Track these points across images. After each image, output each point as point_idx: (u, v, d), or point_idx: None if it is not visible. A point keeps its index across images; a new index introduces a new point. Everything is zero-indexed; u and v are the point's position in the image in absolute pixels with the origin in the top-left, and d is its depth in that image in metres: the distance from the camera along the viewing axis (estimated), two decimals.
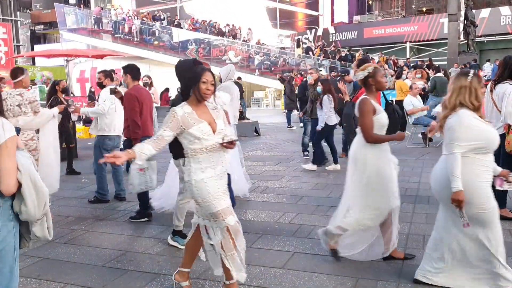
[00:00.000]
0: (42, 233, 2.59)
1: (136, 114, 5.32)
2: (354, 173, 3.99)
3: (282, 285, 3.67)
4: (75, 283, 3.82)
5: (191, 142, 3.25)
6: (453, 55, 22.68)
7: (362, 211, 3.90)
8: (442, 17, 29.12)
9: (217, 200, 3.24)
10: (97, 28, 29.65)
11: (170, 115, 3.27)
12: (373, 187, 3.88)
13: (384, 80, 4.10)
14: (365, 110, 3.91)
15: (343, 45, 31.77)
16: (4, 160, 2.35)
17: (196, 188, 3.25)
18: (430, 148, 10.14)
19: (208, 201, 3.23)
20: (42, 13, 40.84)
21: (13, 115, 5.28)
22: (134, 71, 5.55)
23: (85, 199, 6.50)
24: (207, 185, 3.25)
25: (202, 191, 3.24)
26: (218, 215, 3.24)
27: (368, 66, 4.02)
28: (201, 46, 27.52)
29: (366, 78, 4.00)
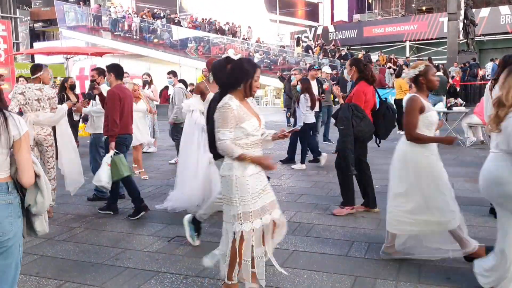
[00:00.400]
0: (42, 227, 2.67)
1: (116, 112, 5.51)
2: (406, 175, 3.91)
3: (281, 283, 3.67)
4: (74, 281, 3.82)
5: (239, 138, 3.16)
6: (452, 54, 22.69)
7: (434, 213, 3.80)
8: (441, 16, 29.13)
9: (252, 201, 3.14)
10: (96, 25, 29.61)
11: (225, 110, 3.12)
12: (430, 189, 3.81)
13: (436, 79, 4.00)
14: (412, 107, 3.83)
15: (343, 44, 31.75)
16: (24, 153, 2.47)
17: (237, 184, 3.14)
18: None
19: (244, 201, 3.13)
20: (41, 10, 40.78)
21: (31, 109, 5.35)
22: (118, 70, 5.73)
23: (84, 197, 6.50)
24: (248, 182, 3.15)
25: (242, 188, 3.14)
26: (239, 217, 3.14)
27: (419, 64, 3.94)
28: (200, 44, 27.49)
29: (417, 77, 3.92)
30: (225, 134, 3.11)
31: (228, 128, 3.11)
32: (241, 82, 3.21)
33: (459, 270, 3.80)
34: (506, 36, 28.08)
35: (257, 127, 3.23)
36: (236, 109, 3.12)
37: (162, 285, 3.71)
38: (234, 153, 3.11)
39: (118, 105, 5.51)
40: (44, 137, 5.45)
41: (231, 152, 3.11)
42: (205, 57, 26.55)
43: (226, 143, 3.11)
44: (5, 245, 2.45)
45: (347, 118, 5.20)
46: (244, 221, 3.13)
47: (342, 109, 5.33)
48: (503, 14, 27.95)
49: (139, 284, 3.73)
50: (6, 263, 2.49)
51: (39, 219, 2.66)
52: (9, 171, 2.47)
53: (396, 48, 30.92)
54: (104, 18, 29.61)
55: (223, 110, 3.12)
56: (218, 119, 3.15)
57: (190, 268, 4.02)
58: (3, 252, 2.47)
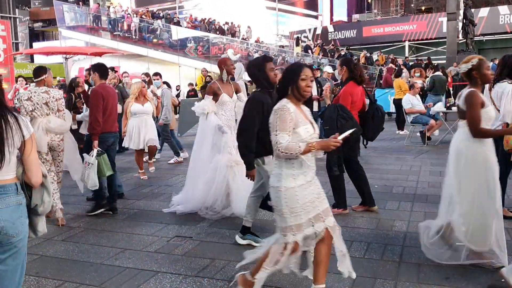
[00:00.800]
0: (43, 227, 2.69)
1: (99, 111, 5.57)
2: (462, 171, 3.81)
3: (281, 283, 3.67)
4: (74, 281, 3.83)
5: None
6: (451, 54, 22.65)
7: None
8: (441, 16, 29.13)
9: (304, 211, 3.04)
10: (96, 25, 29.58)
11: (284, 113, 2.99)
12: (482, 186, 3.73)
13: (490, 72, 3.92)
14: (474, 102, 3.71)
15: (342, 44, 31.79)
16: (33, 153, 2.49)
17: (286, 195, 3.02)
18: (428, 146, 10.15)
19: (294, 212, 3.02)
20: (41, 10, 40.76)
21: (41, 114, 5.19)
22: (102, 70, 5.84)
23: (84, 197, 6.49)
24: (297, 194, 3.03)
25: (291, 200, 3.02)
26: (291, 229, 3.04)
27: (472, 59, 3.86)
28: (200, 44, 27.48)
29: (470, 71, 3.84)
30: (285, 137, 2.96)
31: (286, 131, 2.98)
32: (288, 86, 3.12)
33: (457, 269, 3.80)
34: (505, 36, 28.09)
35: (312, 133, 3.10)
36: (293, 112, 3.01)
37: (162, 285, 3.71)
38: (301, 148, 2.94)
39: (101, 104, 5.58)
40: (57, 143, 5.39)
41: (295, 149, 2.94)
42: (204, 57, 26.58)
43: (285, 144, 2.95)
44: (17, 245, 2.47)
45: (331, 118, 5.21)
46: (297, 231, 3.05)
47: (328, 109, 5.33)
48: (502, 14, 27.95)
49: (138, 284, 3.73)
50: (15, 264, 2.50)
51: (41, 220, 2.68)
52: (15, 171, 2.47)
53: (395, 48, 30.92)
54: (104, 18, 29.59)
55: (281, 113, 2.99)
56: (275, 122, 3.01)
57: (190, 268, 4.02)
58: (14, 253, 2.47)
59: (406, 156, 8.91)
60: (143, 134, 7.72)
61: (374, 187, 6.69)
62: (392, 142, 10.97)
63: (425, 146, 10.16)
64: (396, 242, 4.50)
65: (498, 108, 4.89)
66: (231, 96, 5.62)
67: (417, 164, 8.16)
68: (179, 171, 8.20)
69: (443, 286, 3.53)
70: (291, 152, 2.94)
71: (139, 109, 7.72)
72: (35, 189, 2.54)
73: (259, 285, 3.21)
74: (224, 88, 5.58)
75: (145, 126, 7.79)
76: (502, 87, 4.84)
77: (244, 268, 3.44)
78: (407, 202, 5.85)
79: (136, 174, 7.92)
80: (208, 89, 5.67)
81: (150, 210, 5.92)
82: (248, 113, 4.13)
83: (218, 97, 5.53)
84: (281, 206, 3.05)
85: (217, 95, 5.54)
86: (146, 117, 7.84)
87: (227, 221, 5.36)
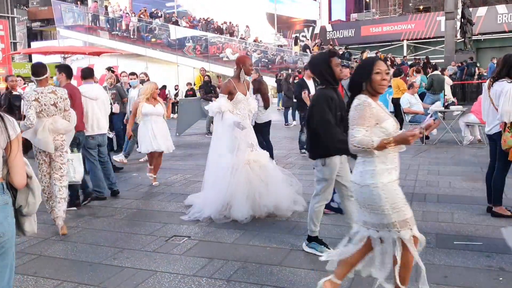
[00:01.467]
0: (31, 227, 2.66)
1: None
2: None
3: (279, 282, 3.67)
4: (72, 281, 3.82)
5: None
6: (449, 53, 22.71)
7: None
8: (439, 15, 29.16)
9: (406, 206, 2.92)
10: (94, 25, 29.57)
11: (364, 108, 2.90)
12: None
13: None
14: None
15: (340, 43, 31.78)
16: (18, 154, 2.45)
17: (384, 192, 2.87)
18: (426, 145, 10.16)
19: (397, 208, 2.87)
20: (39, 10, 40.67)
21: (47, 115, 4.95)
22: (68, 70, 5.98)
23: (81, 196, 6.48)
24: (395, 188, 2.92)
25: (391, 195, 2.88)
26: (395, 225, 2.88)
27: None
28: (198, 44, 27.48)
29: None
30: (360, 131, 2.86)
31: (364, 126, 2.87)
32: (362, 82, 3.00)
33: (456, 268, 3.81)
34: (503, 35, 28.12)
35: (397, 127, 3.00)
36: (375, 107, 2.92)
37: (160, 284, 3.71)
38: (373, 143, 2.82)
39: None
40: (60, 143, 5.14)
41: (368, 142, 2.83)
42: (203, 56, 26.58)
43: (358, 137, 2.85)
44: (4, 246, 2.44)
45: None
46: (401, 228, 2.89)
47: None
48: (500, 13, 27.99)
49: (137, 284, 3.73)
50: (3, 264, 2.48)
51: (28, 220, 2.63)
52: (1, 172, 2.44)
53: (393, 47, 30.94)
54: (102, 18, 29.57)
55: (361, 108, 2.90)
56: (354, 117, 2.92)
57: (188, 267, 4.02)
58: (1, 254, 2.45)
59: (404, 155, 8.89)
60: (159, 137, 7.10)
61: None
62: None
63: (424, 145, 10.17)
64: None
65: (497, 107, 4.89)
66: (245, 95, 5.58)
67: (415, 163, 8.16)
68: (178, 171, 8.20)
69: (441, 285, 3.53)
70: (363, 146, 2.84)
71: (151, 111, 7.12)
72: (20, 190, 2.51)
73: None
74: (239, 86, 5.53)
75: (160, 129, 7.17)
76: (501, 86, 4.84)
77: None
78: None
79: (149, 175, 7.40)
80: (224, 88, 5.56)
81: (148, 210, 5.92)
82: (319, 108, 3.88)
83: (233, 96, 5.46)
84: (380, 203, 2.88)
85: (233, 94, 5.46)
86: (158, 119, 7.20)
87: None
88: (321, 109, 3.87)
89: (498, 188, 5.10)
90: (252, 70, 5.76)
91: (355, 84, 3.06)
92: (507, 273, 3.71)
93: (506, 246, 4.19)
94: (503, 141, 4.85)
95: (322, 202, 4.18)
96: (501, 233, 3.82)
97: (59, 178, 5.10)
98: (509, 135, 4.81)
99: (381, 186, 2.88)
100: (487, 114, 5.16)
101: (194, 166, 8.65)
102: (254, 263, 4.07)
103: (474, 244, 4.33)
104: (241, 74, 5.54)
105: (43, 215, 5.37)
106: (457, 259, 3.99)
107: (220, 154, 5.50)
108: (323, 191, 4.12)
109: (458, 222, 4.99)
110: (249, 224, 5.14)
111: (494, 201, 5.14)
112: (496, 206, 5.12)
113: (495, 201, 5.13)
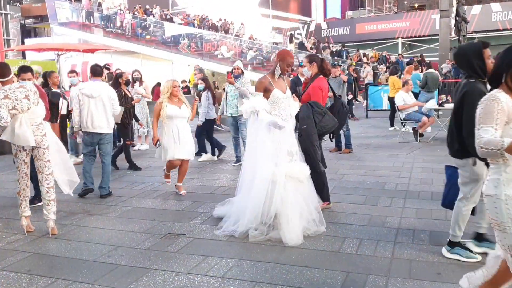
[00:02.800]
0: None
1: None
2: None
3: (273, 279, 3.68)
4: (66, 278, 3.81)
5: None
6: (444, 51, 22.78)
7: None
8: (434, 13, 29.26)
9: None
10: (88, 22, 29.43)
11: (490, 103, 2.53)
12: None
13: None
14: None
15: (335, 41, 31.84)
16: None
17: (507, 206, 2.48)
18: (420, 143, 10.19)
19: None
20: (32, 6, 40.41)
21: (22, 110, 4.71)
22: (21, 69, 5.80)
23: (76, 193, 6.47)
24: None
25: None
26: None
27: None
28: (193, 41, 27.41)
29: None
30: (488, 131, 2.48)
31: (492, 124, 2.49)
32: (502, 73, 2.62)
33: (449, 265, 3.83)
34: (497, 33, 28.25)
35: None
36: (505, 101, 2.51)
37: (154, 282, 3.71)
38: (504, 143, 2.41)
39: None
40: (40, 138, 4.86)
41: (498, 143, 2.43)
42: (198, 53, 26.50)
43: (486, 138, 2.48)
44: None
45: (308, 116, 5.20)
46: None
47: (301, 109, 5.30)
48: (494, 11, 28.13)
49: (131, 281, 3.72)
50: None
51: None
52: None
53: (388, 45, 31.03)
54: (96, 15, 29.43)
55: (487, 103, 2.54)
56: (480, 115, 2.56)
57: (182, 265, 4.02)
58: None
59: (398, 153, 8.93)
60: (184, 143, 6.33)
61: (366, 183, 6.73)
62: (384, 139, 11.00)
63: (418, 143, 10.21)
64: (388, 238, 4.52)
65: None
66: (284, 92, 4.92)
67: (409, 161, 8.19)
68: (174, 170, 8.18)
69: (435, 282, 3.55)
70: (492, 147, 2.44)
71: (175, 113, 6.20)
72: None
73: None
74: (276, 83, 4.89)
75: (185, 134, 6.35)
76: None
77: None
78: (399, 198, 5.88)
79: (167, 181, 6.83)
80: (258, 85, 4.90)
81: (142, 207, 5.91)
82: (473, 103, 3.30)
83: (270, 93, 4.81)
84: (502, 219, 2.49)
85: (269, 91, 4.82)
86: (182, 122, 6.34)
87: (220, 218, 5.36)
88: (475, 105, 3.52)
89: None
90: (288, 70, 5.08)
91: (495, 75, 2.67)
92: None
93: None
94: None
95: (470, 206, 3.88)
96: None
97: (45, 178, 4.91)
98: None
99: (505, 199, 2.49)
100: None
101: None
102: (248, 260, 4.08)
103: (468, 241, 4.35)
104: (277, 69, 4.93)
105: (38, 212, 5.36)
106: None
107: (257, 161, 4.74)
108: (472, 193, 3.82)
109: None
110: None
111: None
112: None
113: None
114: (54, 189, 4.98)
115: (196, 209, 5.71)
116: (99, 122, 6.37)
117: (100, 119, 6.37)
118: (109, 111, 6.49)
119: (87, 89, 6.36)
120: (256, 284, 3.60)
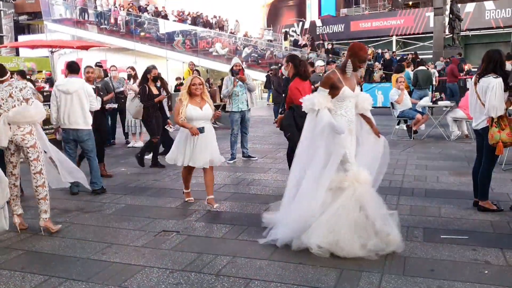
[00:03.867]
0: (0, 223, 2.60)
1: None
2: None
3: (268, 276, 3.69)
4: (60, 276, 3.80)
5: None
6: (438, 48, 22.87)
7: None
8: (428, 11, 29.29)
9: None
10: (82, 19, 29.28)
11: None
12: None
13: None
14: None
15: (330, 38, 31.87)
16: None
17: None
18: (414, 140, 10.22)
19: None
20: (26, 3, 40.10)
21: (7, 109, 4.67)
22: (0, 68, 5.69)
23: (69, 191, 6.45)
24: None
25: None
26: None
27: None
28: (187, 38, 27.33)
29: None
30: None
31: None
32: None
33: (442, 262, 3.85)
34: (490, 31, 28.34)
35: None
36: None
37: (148, 279, 3.70)
38: None
39: None
40: (21, 137, 4.74)
41: None
42: (192, 50, 26.44)
43: None
44: None
45: (290, 124, 5.18)
46: None
47: (285, 116, 5.28)
48: (487, 9, 28.20)
49: (125, 279, 3.72)
50: None
51: None
52: None
53: (382, 42, 31.03)
54: (90, 11, 29.28)
55: None
56: None
57: (177, 262, 4.02)
58: None
59: (392, 150, 8.92)
60: (203, 148, 5.53)
61: None
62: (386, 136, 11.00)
63: (412, 140, 10.24)
64: None
65: (483, 102, 4.94)
66: (353, 91, 4.34)
67: (403, 158, 8.22)
68: (167, 166, 8.16)
69: (428, 278, 3.57)
70: None
71: (196, 115, 5.46)
72: None
73: None
74: (347, 80, 4.29)
75: (206, 139, 5.55)
76: (487, 81, 4.89)
77: None
78: (393, 195, 5.89)
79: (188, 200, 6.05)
80: (326, 80, 4.30)
81: (137, 205, 5.90)
82: None
83: (338, 91, 4.21)
84: None
85: (337, 89, 4.22)
86: (206, 124, 5.57)
87: (214, 215, 5.36)
88: None
89: (484, 182, 5.16)
90: (361, 66, 4.35)
91: None
92: (492, 266, 3.76)
93: (491, 240, 4.26)
94: (490, 136, 4.91)
95: None
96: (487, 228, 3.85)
97: (33, 177, 4.85)
98: (496, 130, 4.88)
99: None
100: (474, 110, 5.21)
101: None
102: (243, 257, 4.08)
103: (461, 238, 4.38)
104: (348, 65, 4.27)
105: (31, 210, 5.34)
106: (443, 253, 4.04)
107: (310, 165, 4.25)
108: None
109: (445, 216, 5.05)
110: (238, 219, 5.15)
111: (481, 196, 5.20)
112: (482, 201, 5.18)
113: (481, 195, 5.20)
114: (44, 188, 4.89)
115: (190, 207, 5.71)
116: (75, 118, 6.30)
117: (76, 115, 6.29)
118: (86, 107, 6.40)
119: (63, 86, 6.33)
120: (250, 281, 3.61)
